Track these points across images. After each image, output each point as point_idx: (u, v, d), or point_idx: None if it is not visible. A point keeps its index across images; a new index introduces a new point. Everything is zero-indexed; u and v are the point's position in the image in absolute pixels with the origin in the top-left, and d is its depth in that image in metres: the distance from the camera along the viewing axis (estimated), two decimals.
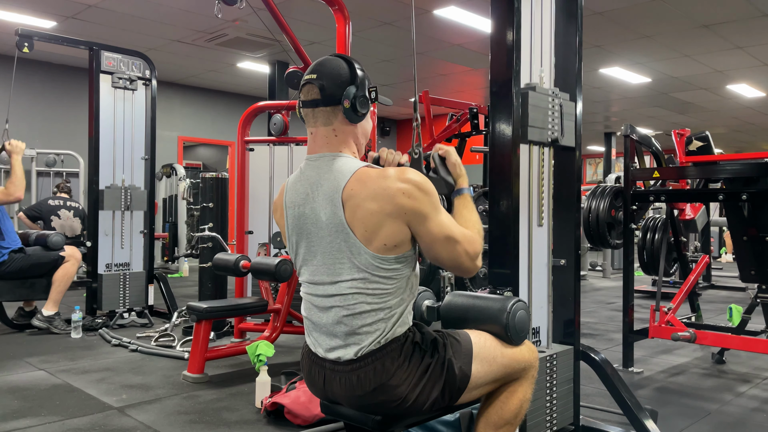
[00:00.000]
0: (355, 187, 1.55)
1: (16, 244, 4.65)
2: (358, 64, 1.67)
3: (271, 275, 3.61)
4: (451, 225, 1.60)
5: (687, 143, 4.41)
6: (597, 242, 4.23)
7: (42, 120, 9.43)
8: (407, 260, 1.61)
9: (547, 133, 2.21)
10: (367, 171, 1.57)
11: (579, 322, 2.47)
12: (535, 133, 2.15)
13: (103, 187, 5.08)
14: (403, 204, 1.53)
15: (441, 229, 1.57)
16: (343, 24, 4.06)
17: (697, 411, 3.09)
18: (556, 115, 2.24)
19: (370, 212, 1.53)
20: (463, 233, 1.62)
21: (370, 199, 1.53)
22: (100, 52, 5.12)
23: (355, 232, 1.55)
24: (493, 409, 1.74)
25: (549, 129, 2.22)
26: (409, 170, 1.57)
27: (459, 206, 1.76)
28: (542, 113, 2.18)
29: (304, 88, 1.67)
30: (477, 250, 1.63)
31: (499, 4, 2.16)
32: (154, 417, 2.89)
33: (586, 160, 19.23)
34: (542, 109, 2.18)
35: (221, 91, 11.61)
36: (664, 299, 4.20)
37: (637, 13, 6.93)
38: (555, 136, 2.24)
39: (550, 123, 2.22)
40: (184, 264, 9.17)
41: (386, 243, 1.55)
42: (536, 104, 2.15)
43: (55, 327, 4.66)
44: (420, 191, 1.54)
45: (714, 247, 10.37)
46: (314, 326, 1.67)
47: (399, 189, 1.53)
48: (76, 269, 4.84)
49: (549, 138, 2.23)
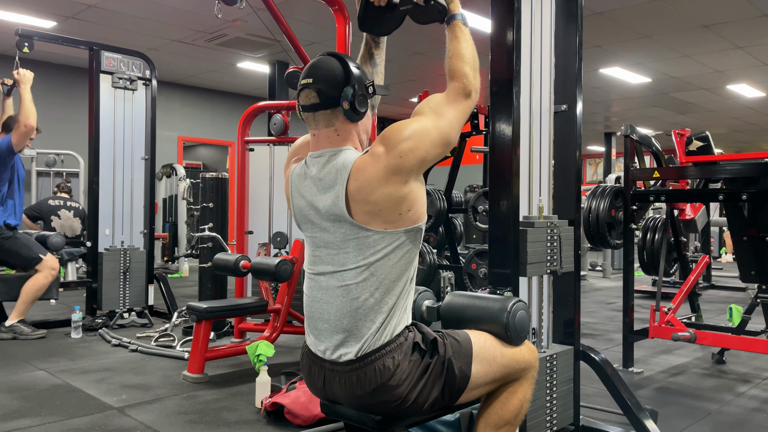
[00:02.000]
0: (358, 177, 1.56)
1: (11, 219, 4.53)
2: (352, 62, 1.67)
3: (271, 275, 3.61)
4: (441, 122, 1.60)
5: (687, 143, 4.41)
6: (597, 242, 4.22)
7: (42, 120, 9.32)
8: (415, 235, 1.61)
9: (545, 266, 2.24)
10: (363, 159, 1.59)
11: (579, 322, 2.47)
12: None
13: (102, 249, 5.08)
14: (408, 164, 1.54)
15: (443, 132, 1.59)
16: (343, 24, 4.05)
17: (697, 411, 3.09)
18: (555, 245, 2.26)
19: (378, 196, 1.54)
20: (454, 101, 1.63)
21: (377, 184, 1.54)
22: (100, 52, 5.12)
23: (359, 219, 1.56)
24: (492, 409, 1.74)
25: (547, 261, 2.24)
26: (387, 136, 1.56)
27: (452, 37, 1.72)
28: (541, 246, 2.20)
29: (302, 93, 1.67)
30: (470, 88, 1.65)
31: (499, 4, 2.16)
32: (154, 417, 2.89)
33: (586, 160, 19.23)
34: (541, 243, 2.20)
35: (221, 91, 11.61)
36: (664, 299, 4.19)
37: (637, 13, 6.93)
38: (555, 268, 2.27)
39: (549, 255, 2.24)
40: (184, 264, 9.17)
41: (401, 213, 1.56)
42: (535, 239, 2.16)
43: (20, 334, 4.45)
44: (409, 140, 1.54)
45: (714, 247, 10.37)
46: (316, 323, 1.67)
47: (396, 155, 1.53)
48: (48, 282, 4.61)
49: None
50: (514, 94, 2.10)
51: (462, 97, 1.64)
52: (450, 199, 4.80)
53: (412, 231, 1.60)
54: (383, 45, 1.97)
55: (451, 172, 4.83)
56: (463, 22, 1.74)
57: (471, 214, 4.72)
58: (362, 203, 1.56)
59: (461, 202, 5.79)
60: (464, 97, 1.64)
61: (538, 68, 2.27)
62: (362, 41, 1.95)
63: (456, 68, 1.66)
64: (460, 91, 1.65)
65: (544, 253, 2.20)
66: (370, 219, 1.57)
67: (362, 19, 1.87)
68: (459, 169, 4.81)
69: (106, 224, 5.17)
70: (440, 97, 1.65)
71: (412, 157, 1.54)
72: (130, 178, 5.29)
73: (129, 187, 5.30)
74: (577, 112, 2.44)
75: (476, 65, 1.68)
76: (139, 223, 5.37)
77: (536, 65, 2.26)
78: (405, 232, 1.59)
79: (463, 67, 1.66)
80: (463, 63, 1.66)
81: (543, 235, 2.19)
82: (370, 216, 1.56)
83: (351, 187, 1.56)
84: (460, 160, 4.72)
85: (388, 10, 1.82)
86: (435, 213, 4.72)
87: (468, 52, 1.69)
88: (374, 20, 1.87)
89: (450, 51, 1.70)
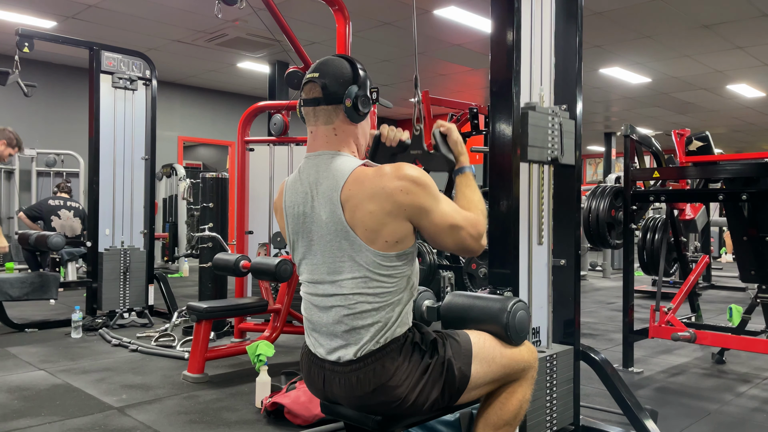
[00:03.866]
0: (353, 188, 1.55)
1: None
2: (360, 65, 1.68)
3: (271, 275, 3.61)
4: (453, 213, 1.61)
5: (687, 143, 4.41)
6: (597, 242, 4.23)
7: (42, 120, 9.43)
8: (408, 258, 1.61)
9: (547, 152, 2.21)
10: (364, 170, 1.57)
11: (579, 322, 2.47)
12: (535, 152, 2.15)
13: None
14: (402, 201, 1.53)
15: (444, 219, 1.58)
16: (343, 24, 4.06)
17: (697, 411, 3.09)
18: (555, 134, 2.23)
19: (370, 212, 1.53)
20: (466, 217, 1.62)
21: (368, 199, 1.53)
22: (100, 52, 5.12)
23: (356, 231, 1.55)
24: (492, 409, 1.74)
25: (549, 148, 2.21)
26: (404, 166, 1.56)
27: (461, 185, 1.76)
28: (542, 132, 2.18)
29: (305, 87, 1.67)
30: (481, 231, 1.64)
31: (499, 4, 2.16)
32: (154, 417, 2.89)
33: (586, 160, 19.23)
34: (542, 129, 2.17)
35: (221, 91, 11.61)
36: (664, 299, 4.19)
37: (637, 13, 6.93)
38: (555, 155, 2.24)
39: (550, 142, 2.22)
40: (184, 264, 9.17)
41: (388, 240, 1.55)
42: (536, 124, 2.14)
43: None
44: (417, 186, 1.54)
45: (714, 247, 10.37)
46: (314, 326, 1.67)
47: (396, 187, 1.53)
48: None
49: (549, 157, 2.22)
50: (514, 94, 2.10)
51: (469, 238, 1.62)
52: (450, 199, 4.78)
53: (402, 254, 1.59)
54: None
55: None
56: (472, 174, 1.79)
57: None
58: (357, 212, 1.55)
59: None
60: (471, 239, 1.63)
61: (538, 68, 2.27)
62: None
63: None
64: (473, 232, 1.63)
65: (545, 140, 2.19)
66: (364, 230, 1.56)
67: (372, 156, 1.90)
68: None
69: (106, 224, 5.17)
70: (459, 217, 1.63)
71: (414, 198, 1.53)
72: (130, 178, 5.29)
73: (129, 187, 5.30)
74: (577, 112, 2.44)
75: (485, 212, 1.71)
76: (139, 223, 5.37)
77: (536, 65, 2.26)
78: (397, 256, 1.58)
79: (476, 213, 1.67)
80: (476, 209, 1.68)
81: (545, 122, 2.18)
82: (366, 229, 1.56)
83: (344, 195, 1.55)
84: None
85: (399, 150, 1.85)
86: None
87: (476, 197, 1.73)
88: (384, 159, 1.89)
89: (464, 198, 1.73)
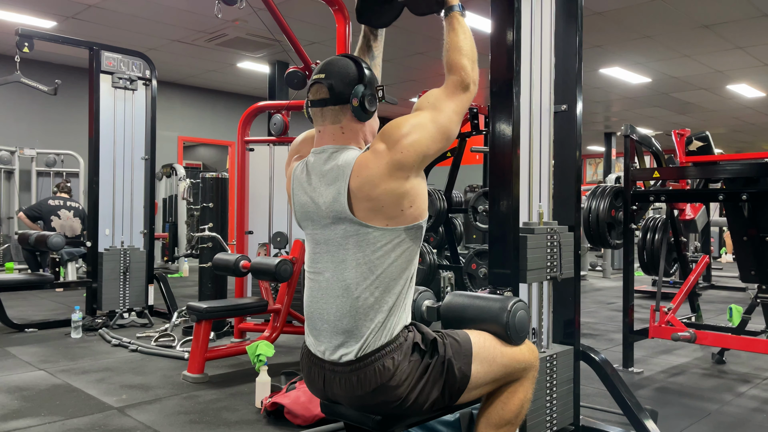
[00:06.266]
0: (360, 174, 1.56)
1: None
2: (365, 64, 1.69)
3: (271, 275, 3.61)
4: (440, 117, 1.60)
5: (687, 143, 4.41)
6: (597, 242, 4.22)
7: (42, 120, 9.42)
8: (415, 232, 1.61)
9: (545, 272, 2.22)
10: (365, 155, 1.59)
11: (579, 322, 2.47)
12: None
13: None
14: (407, 159, 1.54)
15: (438, 128, 1.59)
16: (343, 24, 4.05)
17: (697, 411, 3.09)
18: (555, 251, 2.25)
19: (380, 193, 1.55)
20: (452, 94, 1.63)
21: (376, 181, 1.54)
22: (100, 52, 5.12)
23: (360, 216, 1.57)
24: (493, 409, 1.74)
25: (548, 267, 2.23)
26: (389, 131, 1.57)
27: (449, 29, 1.71)
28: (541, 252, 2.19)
29: (312, 88, 1.68)
30: (469, 80, 1.64)
31: (499, 4, 2.16)
32: (154, 417, 2.89)
33: (586, 160, 19.23)
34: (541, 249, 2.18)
35: (221, 91, 11.61)
36: (664, 299, 4.19)
37: (637, 13, 6.93)
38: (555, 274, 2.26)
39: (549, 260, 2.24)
40: (184, 264, 9.17)
41: (410, 206, 1.56)
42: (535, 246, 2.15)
43: None
44: (407, 137, 1.55)
45: (714, 247, 10.37)
46: (315, 323, 1.67)
47: (393, 161, 1.53)
48: None
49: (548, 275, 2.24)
50: (514, 94, 2.10)
51: (460, 89, 1.64)
52: (450, 199, 4.80)
53: (412, 228, 1.60)
54: (381, 38, 1.97)
55: (451, 172, 4.83)
56: (460, 13, 1.72)
57: (471, 214, 4.72)
58: (364, 200, 1.56)
59: (461, 202, 5.79)
60: (462, 89, 1.64)
61: (538, 68, 2.27)
62: (360, 33, 1.95)
63: (454, 61, 1.66)
64: (459, 83, 1.64)
65: (544, 259, 2.20)
66: (372, 216, 1.57)
67: (360, 10, 1.88)
68: (459, 169, 4.81)
69: (106, 224, 5.17)
70: (439, 91, 1.65)
71: (413, 152, 1.55)
72: (130, 178, 5.29)
73: (129, 187, 5.30)
74: (577, 112, 2.44)
75: (474, 57, 1.67)
76: (139, 223, 5.37)
77: (536, 65, 2.26)
78: (406, 229, 1.59)
79: (461, 60, 1.65)
80: (461, 55, 1.65)
81: (543, 242, 2.19)
82: (372, 213, 1.57)
83: (353, 184, 1.57)
84: (460, 160, 4.72)
85: (385, 1, 1.83)
86: (435, 213, 4.72)
87: (466, 44, 1.67)
88: (372, 12, 1.88)
89: (448, 43, 1.69)
